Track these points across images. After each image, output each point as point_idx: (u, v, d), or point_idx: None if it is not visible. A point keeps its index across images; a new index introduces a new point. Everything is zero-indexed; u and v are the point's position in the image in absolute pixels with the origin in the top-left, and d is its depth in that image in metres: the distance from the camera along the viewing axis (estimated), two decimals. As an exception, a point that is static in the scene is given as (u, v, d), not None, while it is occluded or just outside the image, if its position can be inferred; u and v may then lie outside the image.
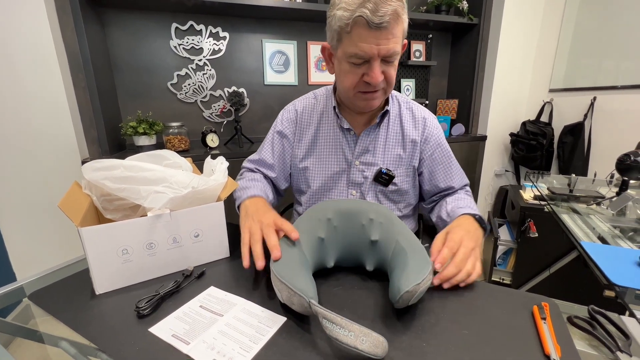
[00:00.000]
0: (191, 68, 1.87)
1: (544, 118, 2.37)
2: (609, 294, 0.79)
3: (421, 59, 2.37)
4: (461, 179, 0.87)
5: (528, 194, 1.68)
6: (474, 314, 0.51)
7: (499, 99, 2.35)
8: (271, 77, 2.06)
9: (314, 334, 0.47)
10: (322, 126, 0.85)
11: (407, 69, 2.40)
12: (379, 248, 0.58)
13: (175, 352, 0.44)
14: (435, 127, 0.85)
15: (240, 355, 0.43)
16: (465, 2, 2.15)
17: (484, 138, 2.35)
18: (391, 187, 0.85)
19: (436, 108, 2.51)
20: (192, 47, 1.85)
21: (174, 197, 0.60)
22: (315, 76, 2.17)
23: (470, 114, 2.40)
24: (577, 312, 0.53)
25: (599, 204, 1.21)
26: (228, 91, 1.98)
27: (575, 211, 1.17)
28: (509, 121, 2.46)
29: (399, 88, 2.37)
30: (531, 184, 1.64)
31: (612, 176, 1.42)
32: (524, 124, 2.38)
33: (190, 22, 1.81)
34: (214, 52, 1.90)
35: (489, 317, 0.50)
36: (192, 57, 1.86)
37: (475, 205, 0.81)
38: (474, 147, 2.32)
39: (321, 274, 0.62)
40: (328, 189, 0.89)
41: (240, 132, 1.85)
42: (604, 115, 2.04)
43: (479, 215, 0.73)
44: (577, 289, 1.43)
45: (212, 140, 1.80)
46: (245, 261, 0.57)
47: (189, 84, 1.89)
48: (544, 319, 0.49)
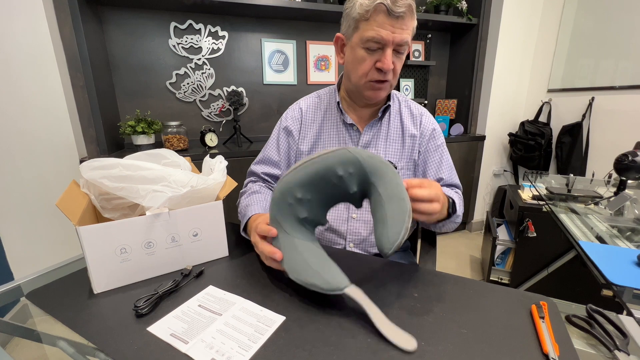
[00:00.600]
0: (190, 67, 1.87)
1: (542, 118, 2.37)
2: (606, 293, 0.80)
3: (420, 59, 2.37)
4: (450, 174, 0.87)
5: (526, 194, 1.68)
6: (472, 313, 0.51)
7: (497, 99, 2.36)
8: (270, 77, 2.06)
9: (313, 334, 0.47)
10: (325, 123, 0.87)
11: (406, 68, 2.41)
12: (361, 192, 0.57)
13: (174, 352, 0.44)
14: (430, 123, 0.88)
15: (239, 355, 0.43)
16: (464, 2, 2.15)
17: (482, 138, 2.36)
18: None
19: (435, 108, 2.52)
20: (191, 46, 1.85)
21: (172, 196, 0.60)
22: (314, 76, 2.17)
23: (469, 114, 2.41)
24: (575, 311, 0.53)
25: (597, 203, 1.22)
26: (227, 90, 1.97)
27: (574, 211, 1.18)
28: (508, 121, 2.47)
29: (398, 88, 2.37)
30: (529, 183, 1.65)
31: (610, 176, 1.42)
32: (522, 124, 2.38)
33: (189, 21, 1.80)
34: (213, 51, 1.90)
35: (488, 316, 0.51)
36: (191, 56, 1.86)
37: (460, 201, 0.79)
38: (472, 147, 2.33)
39: None
40: None
41: (239, 132, 1.85)
42: (602, 116, 2.05)
43: (453, 200, 0.72)
44: (575, 288, 1.44)
45: (211, 140, 1.80)
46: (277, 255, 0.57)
47: (188, 83, 1.89)
48: (543, 318, 0.49)
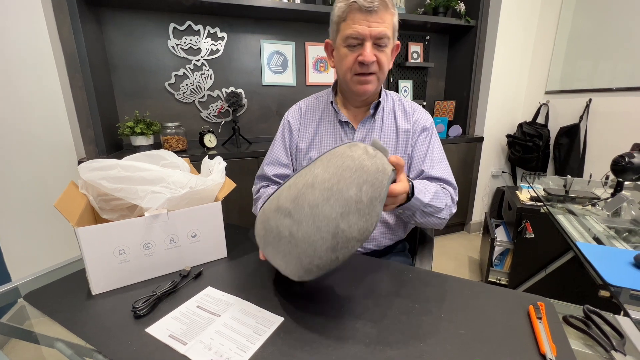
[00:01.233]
0: (189, 68, 1.87)
1: (540, 120, 2.38)
2: (604, 294, 0.80)
3: (419, 61, 2.38)
4: (434, 167, 0.85)
5: (524, 195, 1.69)
6: (470, 314, 0.51)
7: (495, 101, 2.37)
8: (269, 78, 2.06)
9: (311, 334, 0.47)
10: (322, 121, 0.91)
11: (405, 70, 2.41)
12: None
13: (173, 353, 0.44)
14: (422, 118, 0.89)
15: (237, 355, 0.43)
16: (462, 4, 2.16)
17: (480, 139, 2.36)
18: None
19: (433, 109, 2.52)
20: (190, 47, 1.85)
21: (171, 197, 0.60)
22: (313, 77, 2.17)
23: (468, 115, 2.42)
24: (573, 311, 0.53)
25: (594, 205, 1.22)
26: (226, 91, 1.97)
27: (571, 212, 1.18)
28: (506, 123, 2.48)
29: (397, 89, 2.38)
30: (527, 185, 1.65)
31: (607, 177, 1.43)
32: (520, 125, 2.39)
33: (188, 22, 1.81)
34: (212, 52, 1.90)
35: (486, 317, 0.51)
36: (190, 57, 1.86)
37: (434, 192, 0.74)
38: (471, 148, 2.33)
39: None
40: None
41: (238, 133, 1.85)
42: (599, 117, 2.06)
43: (412, 183, 0.68)
44: (573, 289, 1.44)
45: (210, 141, 1.80)
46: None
47: (187, 84, 1.89)
48: (540, 318, 0.49)
